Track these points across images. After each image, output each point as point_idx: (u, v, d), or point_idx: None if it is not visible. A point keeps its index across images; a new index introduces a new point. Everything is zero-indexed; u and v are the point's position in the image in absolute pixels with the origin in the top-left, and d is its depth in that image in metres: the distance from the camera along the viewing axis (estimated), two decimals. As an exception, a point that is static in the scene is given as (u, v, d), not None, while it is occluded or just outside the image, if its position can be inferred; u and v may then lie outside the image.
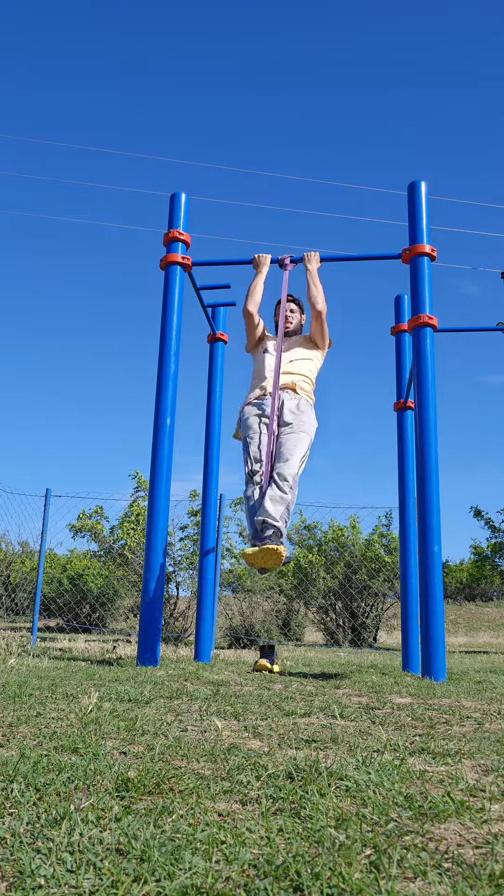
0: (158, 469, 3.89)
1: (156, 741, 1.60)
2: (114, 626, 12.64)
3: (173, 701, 2.31)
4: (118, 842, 0.94)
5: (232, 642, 9.48)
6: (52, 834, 0.97)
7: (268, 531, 3.39)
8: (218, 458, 5.02)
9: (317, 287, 4.07)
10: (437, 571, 3.54)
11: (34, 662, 3.65)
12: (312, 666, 4.51)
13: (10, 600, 13.13)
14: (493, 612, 21.04)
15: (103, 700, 2.22)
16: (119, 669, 3.31)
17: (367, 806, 1.13)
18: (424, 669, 3.43)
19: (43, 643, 7.02)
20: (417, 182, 4.23)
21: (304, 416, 3.75)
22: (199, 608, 4.89)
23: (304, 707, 2.26)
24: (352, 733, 1.79)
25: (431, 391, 3.82)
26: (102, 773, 1.27)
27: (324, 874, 0.85)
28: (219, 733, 1.74)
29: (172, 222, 4.34)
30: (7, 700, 2.17)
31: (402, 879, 0.86)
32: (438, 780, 1.30)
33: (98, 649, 5.58)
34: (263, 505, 3.45)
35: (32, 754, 1.40)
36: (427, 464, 3.69)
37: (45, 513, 8.02)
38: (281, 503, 3.45)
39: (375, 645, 10.91)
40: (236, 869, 0.87)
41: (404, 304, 5.38)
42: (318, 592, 11.29)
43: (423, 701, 2.50)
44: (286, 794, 1.19)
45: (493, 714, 2.20)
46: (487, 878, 0.86)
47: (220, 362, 5.21)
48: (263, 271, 4.23)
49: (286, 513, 3.47)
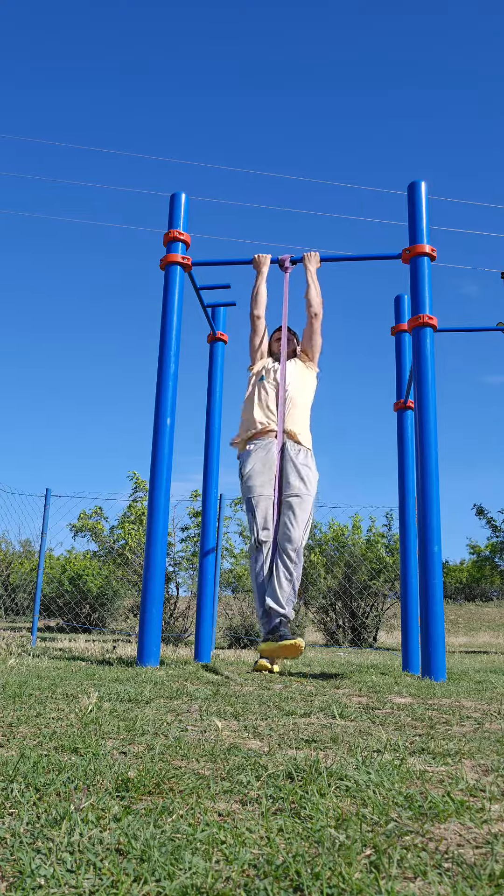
0: (158, 469, 3.89)
1: (156, 741, 1.60)
2: (114, 626, 12.64)
3: (173, 701, 2.31)
4: (118, 842, 0.94)
5: (232, 642, 9.48)
6: (52, 834, 0.97)
7: (275, 620, 3.40)
8: (218, 459, 5.02)
9: (316, 288, 4.07)
10: (437, 571, 3.54)
11: (34, 662, 3.64)
12: (312, 666, 4.51)
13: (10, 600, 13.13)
14: (493, 612, 21.04)
15: (103, 700, 2.22)
16: (119, 669, 3.31)
17: (367, 806, 1.13)
18: (424, 669, 3.43)
19: (43, 643, 7.01)
20: (417, 182, 4.23)
21: (309, 475, 3.72)
22: (199, 608, 4.89)
23: (304, 707, 2.26)
24: (352, 733, 1.79)
25: (431, 391, 3.82)
26: (102, 773, 1.27)
27: (324, 874, 0.85)
28: (219, 733, 1.74)
29: (172, 222, 4.34)
30: (7, 700, 2.17)
31: (402, 879, 0.86)
32: (438, 780, 1.30)
33: (98, 649, 5.58)
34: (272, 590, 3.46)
35: (32, 754, 1.40)
36: (427, 464, 3.69)
37: (45, 513, 8.02)
38: (288, 584, 3.48)
39: (375, 645, 10.91)
40: (236, 869, 0.87)
41: (404, 304, 5.38)
42: (318, 592, 11.29)
43: (423, 701, 2.50)
44: (286, 794, 1.19)
45: (493, 714, 2.20)
46: (487, 878, 0.86)
47: (220, 362, 5.21)
48: (264, 272, 4.23)
49: (293, 592, 3.50)
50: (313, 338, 4.03)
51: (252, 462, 3.77)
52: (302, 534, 3.56)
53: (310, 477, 3.69)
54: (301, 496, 3.61)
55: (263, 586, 3.51)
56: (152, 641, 3.66)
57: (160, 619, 3.75)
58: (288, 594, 3.45)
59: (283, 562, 3.48)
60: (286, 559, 3.49)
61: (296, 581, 3.50)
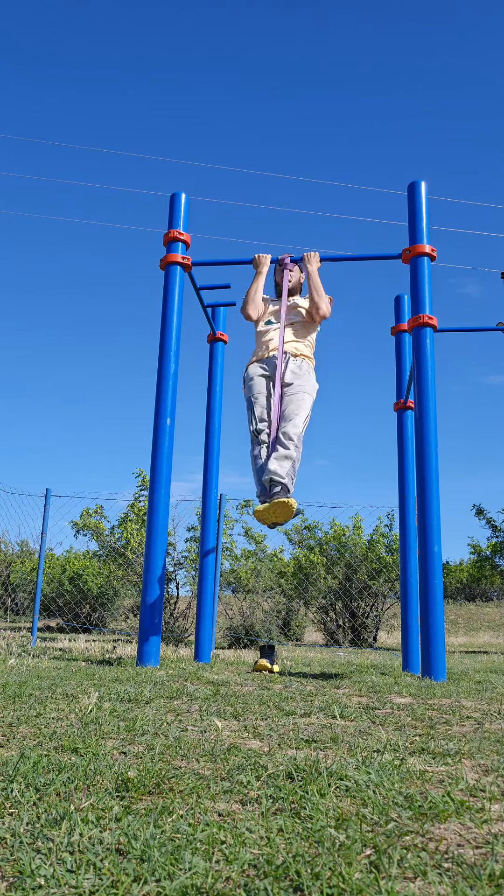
0: (159, 469, 3.89)
1: (156, 741, 1.60)
2: (114, 626, 12.64)
3: (173, 701, 2.31)
4: (118, 842, 0.94)
5: (232, 642, 9.48)
6: (52, 834, 0.97)
7: (276, 488, 3.50)
8: (218, 458, 5.02)
9: (318, 292, 4.06)
10: (437, 571, 3.54)
11: (34, 662, 3.65)
12: (312, 666, 4.51)
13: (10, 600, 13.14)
14: (493, 612, 21.03)
15: (103, 700, 2.22)
16: (119, 669, 3.31)
17: (367, 806, 1.13)
18: (424, 669, 3.43)
19: (43, 643, 7.02)
20: (417, 182, 4.23)
21: (305, 377, 3.87)
22: (199, 608, 4.89)
23: (304, 707, 2.26)
24: (352, 733, 1.79)
25: (431, 391, 3.82)
26: (102, 773, 1.27)
27: (324, 874, 0.85)
28: (219, 733, 1.74)
29: (172, 222, 4.34)
30: (7, 700, 2.17)
31: (402, 879, 0.86)
32: (438, 780, 1.30)
33: (98, 649, 5.58)
34: (270, 464, 3.55)
35: (32, 754, 1.40)
36: (427, 464, 3.69)
37: (45, 513, 8.02)
38: (287, 461, 3.57)
39: (375, 645, 10.91)
40: (236, 869, 0.87)
41: (404, 304, 5.38)
42: (319, 592, 11.29)
43: (423, 701, 2.50)
44: (286, 794, 1.18)
45: (493, 714, 2.20)
46: (487, 878, 0.86)
47: (220, 362, 5.21)
48: (263, 272, 4.22)
49: (292, 470, 3.59)
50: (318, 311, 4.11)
51: (254, 371, 3.96)
52: (301, 423, 3.71)
53: (305, 380, 3.86)
54: (297, 392, 3.78)
55: (262, 468, 3.61)
56: (152, 641, 3.66)
57: (160, 619, 3.75)
58: (287, 468, 3.54)
59: (284, 444, 3.62)
60: (286, 440, 3.63)
61: (296, 461, 3.62)
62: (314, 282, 4.10)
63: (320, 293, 4.07)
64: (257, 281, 4.18)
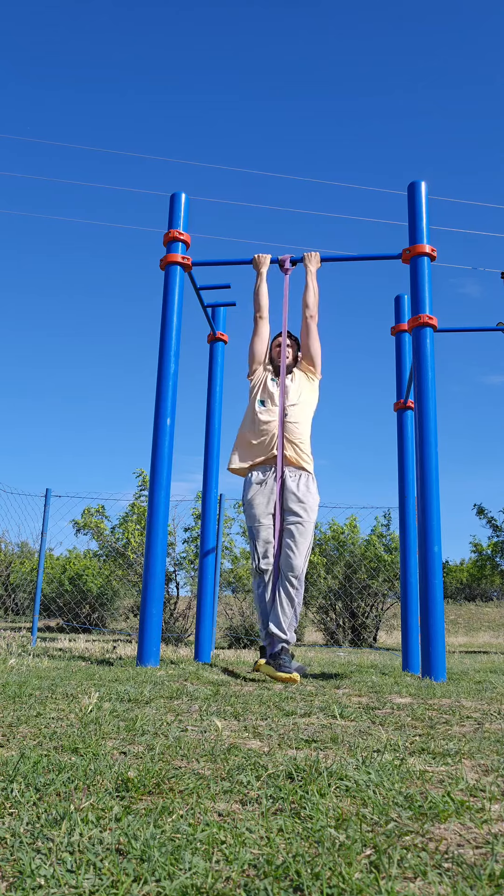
0: (159, 469, 3.89)
1: (156, 741, 1.60)
2: (114, 626, 12.64)
3: (173, 701, 2.31)
4: (118, 842, 0.94)
5: (232, 642, 9.48)
6: (52, 834, 0.97)
7: (277, 646, 3.46)
8: (218, 459, 5.02)
9: (314, 290, 4.06)
10: (437, 571, 3.54)
11: (34, 662, 3.65)
12: (312, 666, 4.51)
13: (10, 600, 13.14)
14: (493, 612, 21.03)
15: (103, 700, 2.22)
16: (119, 669, 3.31)
17: (367, 806, 1.13)
18: (424, 669, 3.43)
19: (43, 643, 7.01)
20: (417, 182, 4.22)
21: (310, 501, 3.73)
22: (199, 608, 4.89)
23: (304, 707, 2.26)
24: (352, 733, 1.79)
25: (431, 391, 3.82)
26: (102, 773, 1.27)
27: (324, 874, 0.85)
28: (219, 733, 1.74)
29: (172, 222, 4.34)
30: (7, 700, 2.17)
31: (402, 879, 0.86)
32: (438, 780, 1.30)
33: (98, 649, 5.58)
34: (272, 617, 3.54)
35: (32, 754, 1.40)
36: (427, 464, 3.69)
37: (45, 513, 8.02)
38: (290, 609, 3.55)
39: (375, 645, 10.91)
40: (236, 869, 0.87)
41: (404, 304, 5.38)
42: (318, 592, 11.29)
43: (423, 701, 2.50)
44: (286, 794, 1.19)
45: (493, 714, 2.20)
46: (487, 878, 0.86)
47: (220, 362, 5.21)
48: (263, 272, 4.22)
49: (294, 619, 3.57)
50: (311, 344, 3.99)
51: (253, 489, 3.80)
52: (303, 561, 3.65)
53: (310, 502, 3.73)
54: (301, 523, 3.67)
55: (266, 610, 3.62)
56: (152, 641, 3.66)
57: (160, 619, 3.75)
58: (290, 619, 3.55)
59: (285, 588, 3.59)
60: (288, 586, 3.58)
61: (297, 606, 3.60)
62: (313, 280, 4.11)
63: (315, 292, 4.07)
64: (259, 282, 4.17)
